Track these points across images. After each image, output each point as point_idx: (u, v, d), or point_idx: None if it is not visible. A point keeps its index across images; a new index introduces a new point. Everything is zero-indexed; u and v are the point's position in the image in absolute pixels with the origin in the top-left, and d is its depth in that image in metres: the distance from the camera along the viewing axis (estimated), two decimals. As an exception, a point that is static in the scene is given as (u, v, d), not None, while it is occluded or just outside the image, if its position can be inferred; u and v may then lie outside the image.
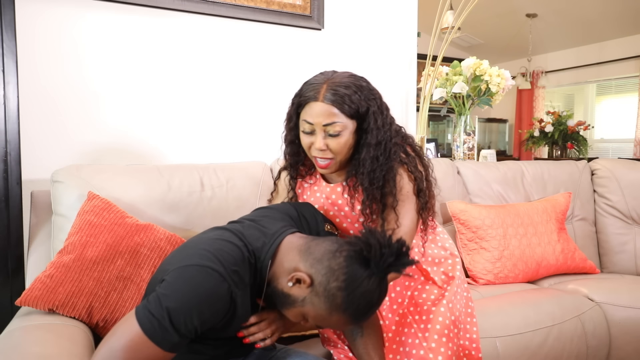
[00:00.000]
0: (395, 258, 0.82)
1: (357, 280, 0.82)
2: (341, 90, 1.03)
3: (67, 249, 1.14)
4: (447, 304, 1.15)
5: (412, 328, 1.12)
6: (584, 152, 5.14)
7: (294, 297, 0.87)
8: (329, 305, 0.84)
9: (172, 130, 1.77)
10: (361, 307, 0.84)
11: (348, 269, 0.83)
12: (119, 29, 1.66)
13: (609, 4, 4.67)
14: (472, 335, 1.21)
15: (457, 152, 2.46)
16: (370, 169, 1.07)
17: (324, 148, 1.06)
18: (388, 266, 0.83)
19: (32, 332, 1.00)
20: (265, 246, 0.91)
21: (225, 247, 0.87)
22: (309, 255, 0.88)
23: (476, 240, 1.83)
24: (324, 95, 1.04)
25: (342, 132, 1.05)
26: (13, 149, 1.32)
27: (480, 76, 2.29)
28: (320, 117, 1.04)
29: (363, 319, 0.87)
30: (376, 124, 1.06)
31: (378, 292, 0.85)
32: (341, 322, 0.86)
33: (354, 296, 0.82)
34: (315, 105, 1.04)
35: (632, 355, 1.58)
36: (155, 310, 0.78)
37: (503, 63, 6.44)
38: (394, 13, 2.24)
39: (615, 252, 2.09)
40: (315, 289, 0.84)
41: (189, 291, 0.79)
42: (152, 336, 0.78)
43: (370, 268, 0.83)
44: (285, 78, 1.98)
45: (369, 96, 1.06)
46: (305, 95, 1.07)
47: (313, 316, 0.87)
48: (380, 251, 0.82)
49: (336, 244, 0.88)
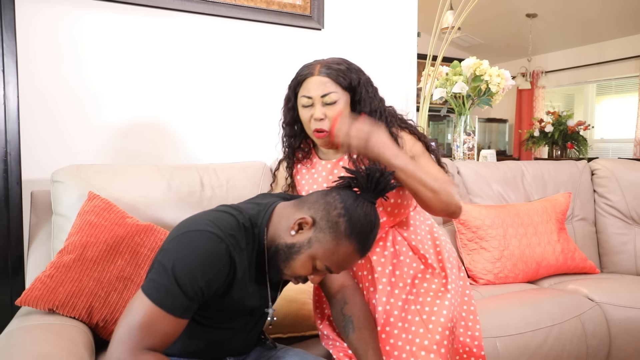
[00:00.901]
0: (380, 175, 0.93)
1: (353, 204, 0.91)
2: (334, 66, 1.15)
3: (67, 249, 1.14)
4: (450, 298, 1.16)
5: (415, 316, 1.13)
6: (584, 152, 5.14)
7: (300, 243, 0.91)
8: (335, 235, 0.89)
9: (173, 130, 1.77)
10: (364, 228, 0.90)
11: (342, 197, 0.92)
12: (119, 29, 1.66)
13: (609, 4, 4.67)
14: (474, 333, 1.21)
15: (457, 152, 2.46)
16: None
17: (322, 117, 1.14)
18: (375, 186, 0.93)
19: (32, 332, 1.00)
20: (261, 213, 0.96)
21: (221, 215, 0.91)
22: (304, 203, 0.95)
23: (476, 240, 1.83)
24: (319, 70, 1.15)
25: (338, 102, 1.14)
26: (13, 149, 1.32)
27: (480, 76, 2.29)
28: (318, 89, 1.14)
29: (367, 242, 0.92)
30: (368, 94, 1.16)
31: (374, 214, 0.93)
32: (349, 250, 0.90)
33: (355, 218, 0.89)
34: (312, 79, 1.15)
35: (632, 355, 1.58)
36: (161, 277, 0.81)
37: (503, 63, 6.44)
38: (394, 13, 2.24)
39: (615, 252, 2.09)
40: (319, 225, 0.90)
41: (190, 253, 0.82)
42: (162, 304, 0.80)
43: (360, 195, 0.94)
44: (285, 78, 1.96)
45: (359, 71, 1.19)
46: (301, 75, 1.19)
47: (322, 254, 0.90)
48: (366, 174, 0.93)
49: (325, 189, 0.98)
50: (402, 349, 1.09)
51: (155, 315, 0.80)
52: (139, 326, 0.79)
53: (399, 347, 1.10)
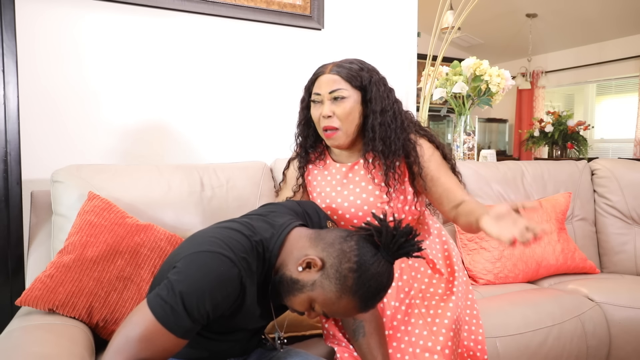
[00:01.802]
0: (405, 240, 0.87)
1: (368, 261, 0.85)
2: (346, 64, 1.17)
3: (67, 249, 1.14)
4: (456, 301, 1.16)
5: (419, 319, 1.13)
6: (584, 152, 5.14)
7: (303, 282, 0.88)
8: (339, 288, 0.85)
9: (172, 130, 1.77)
10: (371, 289, 0.85)
11: (360, 251, 0.86)
12: (119, 29, 1.66)
13: (609, 4, 4.67)
14: (478, 337, 1.21)
15: (457, 152, 2.46)
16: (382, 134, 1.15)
17: (330, 114, 1.14)
18: (398, 248, 0.86)
19: (32, 332, 1.00)
20: (274, 237, 0.93)
21: (234, 235, 0.88)
22: (320, 241, 0.90)
23: (476, 240, 1.83)
24: (330, 69, 1.17)
25: (347, 99, 1.14)
26: (13, 149, 1.32)
27: (480, 76, 2.29)
28: (328, 85, 1.15)
29: (371, 303, 0.88)
30: (379, 92, 1.16)
31: (387, 276, 0.87)
32: (349, 306, 0.87)
33: (365, 277, 0.84)
34: (323, 77, 1.17)
35: (632, 355, 1.58)
36: (168, 296, 0.79)
37: (503, 63, 6.43)
38: (394, 13, 2.24)
39: (615, 252, 2.09)
40: (327, 272, 0.86)
41: (201, 276, 0.80)
42: (165, 323, 0.78)
43: (380, 251, 0.87)
44: (285, 78, 1.98)
45: (372, 71, 1.19)
46: (315, 74, 1.21)
47: (322, 301, 0.87)
48: (392, 233, 0.86)
49: (346, 231, 0.92)
50: (405, 351, 1.09)
51: (156, 331, 0.79)
52: (138, 339, 0.78)
53: (402, 349, 1.09)
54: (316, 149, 1.29)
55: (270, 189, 1.60)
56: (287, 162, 1.35)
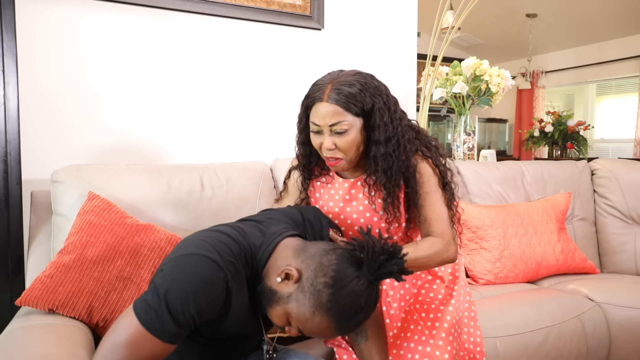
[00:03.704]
0: (386, 259, 0.81)
1: (346, 278, 0.81)
2: (345, 89, 1.04)
3: (67, 249, 1.14)
4: (455, 304, 1.16)
5: (418, 325, 1.12)
6: (584, 152, 5.14)
7: (280, 293, 0.84)
8: (313, 303, 0.81)
9: (172, 130, 1.77)
10: (346, 309, 0.81)
11: (338, 267, 0.82)
12: (119, 29, 1.66)
13: (609, 4, 4.67)
14: (476, 339, 1.21)
15: (457, 152, 2.46)
16: (384, 166, 1.08)
17: (332, 147, 1.07)
18: (379, 268, 0.81)
19: (32, 332, 1.00)
20: (264, 245, 0.91)
21: (223, 239, 0.86)
22: (302, 253, 0.87)
23: (476, 240, 1.83)
24: (328, 95, 1.04)
25: (349, 131, 1.05)
26: (13, 149, 1.32)
27: (480, 76, 2.29)
28: (326, 118, 1.05)
29: (346, 325, 0.83)
30: (383, 120, 1.06)
31: (365, 297, 0.82)
32: (323, 325, 0.82)
33: (339, 295, 0.80)
34: (320, 105, 1.05)
35: (632, 355, 1.58)
36: (152, 300, 0.78)
37: (503, 63, 6.44)
38: (394, 13, 2.24)
39: (615, 252, 2.09)
40: (302, 285, 0.82)
41: (185, 279, 0.79)
42: (150, 328, 0.77)
43: (361, 269, 0.82)
44: (285, 78, 1.98)
45: (374, 92, 1.07)
46: (311, 97, 1.08)
47: (295, 316, 0.83)
48: (373, 250, 0.81)
49: (331, 244, 0.88)
50: (404, 358, 1.08)
51: (142, 337, 0.77)
52: (124, 345, 0.77)
53: (402, 355, 1.09)
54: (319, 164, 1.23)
55: (271, 189, 1.60)
56: (288, 172, 1.29)
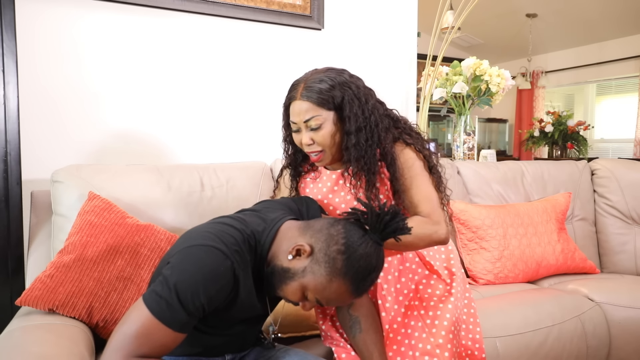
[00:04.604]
0: (390, 218, 0.88)
1: (356, 242, 0.87)
2: (315, 85, 1.08)
3: (67, 249, 1.14)
4: (454, 302, 1.16)
5: (419, 321, 1.13)
6: (584, 152, 5.14)
7: (294, 269, 0.89)
8: (329, 271, 0.86)
9: (172, 130, 1.77)
10: (361, 270, 0.86)
11: (347, 233, 0.88)
12: (119, 29, 1.66)
13: (609, 4, 4.67)
14: (475, 335, 1.21)
15: (457, 152, 2.46)
16: (356, 155, 1.10)
17: (310, 142, 1.11)
18: (384, 228, 0.88)
19: (32, 332, 1.00)
20: (266, 230, 0.95)
21: (227, 229, 0.89)
22: (309, 229, 0.92)
23: (476, 240, 1.83)
24: (301, 93, 1.09)
25: (323, 125, 1.09)
26: (13, 149, 1.32)
27: (480, 76, 2.29)
28: (301, 114, 1.09)
29: (362, 286, 0.89)
30: (352, 111, 1.09)
31: (376, 256, 0.89)
32: (341, 290, 0.87)
33: (353, 258, 0.86)
34: (295, 104, 1.10)
35: (632, 355, 1.58)
36: (163, 291, 0.80)
37: (503, 63, 6.43)
38: (394, 13, 2.24)
39: (615, 252, 2.09)
40: (316, 257, 0.87)
41: (194, 269, 0.82)
42: (161, 318, 0.79)
43: (367, 232, 0.89)
44: (285, 78, 1.98)
45: (344, 85, 1.10)
46: (288, 96, 1.14)
47: (313, 287, 0.87)
48: (377, 213, 0.88)
49: (334, 218, 0.94)
50: (405, 355, 1.09)
51: (153, 326, 0.80)
52: (135, 335, 0.79)
53: (402, 352, 1.09)
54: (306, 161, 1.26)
55: (271, 188, 1.60)
56: (280, 170, 1.32)
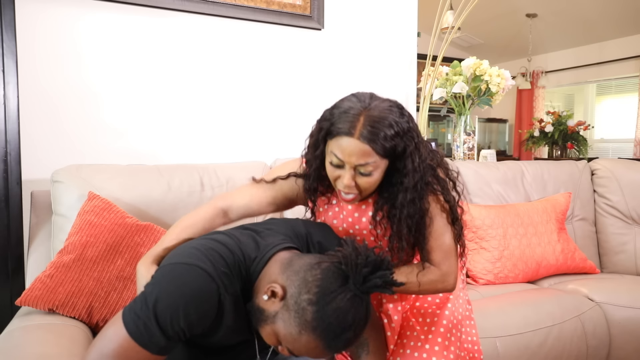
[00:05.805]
0: (371, 271, 0.76)
1: (330, 294, 0.75)
2: (382, 130, 0.92)
3: (67, 249, 1.14)
4: (451, 307, 1.16)
5: (414, 331, 1.11)
6: (584, 152, 5.14)
7: (267, 312, 0.79)
8: (298, 322, 0.75)
9: (172, 130, 1.77)
10: (332, 327, 0.75)
11: (322, 282, 0.76)
12: (119, 29, 1.66)
13: (609, 4, 4.67)
14: (473, 337, 1.21)
15: (457, 152, 2.46)
16: (408, 213, 0.99)
17: (352, 185, 0.97)
18: (364, 281, 0.76)
19: (32, 332, 1.00)
20: (257, 258, 0.86)
21: (217, 247, 0.82)
22: (289, 268, 0.81)
23: (476, 240, 1.83)
24: (360, 131, 0.91)
25: (374, 172, 0.95)
26: (13, 149, 1.31)
27: (480, 76, 2.29)
28: (354, 157, 0.93)
29: (334, 345, 0.77)
30: (413, 165, 0.97)
31: (353, 313, 0.76)
32: (311, 345, 0.76)
33: (325, 312, 0.74)
34: (349, 141, 0.92)
35: (632, 355, 1.58)
36: (141, 311, 0.74)
37: (503, 63, 6.43)
38: (394, 13, 2.24)
39: (615, 252, 2.09)
40: (287, 302, 0.77)
41: (174, 290, 0.75)
42: (138, 340, 0.74)
43: (347, 284, 0.77)
44: (285, 78, 1.98)
45: (408, 134, 0.96)
46: (338, 127, 0.94)
47: (283, 336, 0.78)
48: (355, 263, 0.76)
49: (318, 257, 0.82)
50: None
51: (130, 348, 0.74)
52: (112, 355, 0.74)
53: None
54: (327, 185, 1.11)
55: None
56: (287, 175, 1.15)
